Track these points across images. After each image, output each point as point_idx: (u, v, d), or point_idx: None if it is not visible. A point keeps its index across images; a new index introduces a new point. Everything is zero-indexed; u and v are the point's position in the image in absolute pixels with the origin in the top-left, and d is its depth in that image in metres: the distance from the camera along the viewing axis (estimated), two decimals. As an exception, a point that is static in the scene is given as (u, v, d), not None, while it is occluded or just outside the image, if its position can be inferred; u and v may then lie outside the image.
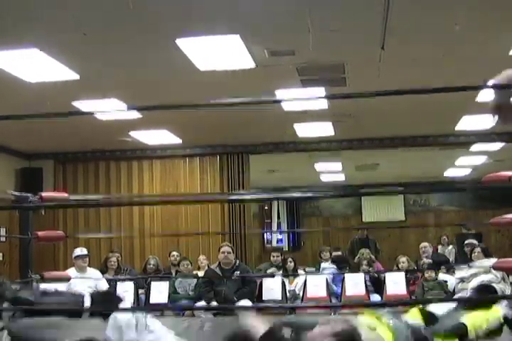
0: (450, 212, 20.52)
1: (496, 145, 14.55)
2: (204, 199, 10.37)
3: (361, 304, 3.98)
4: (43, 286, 9.08)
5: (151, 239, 13.86)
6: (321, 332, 3.62)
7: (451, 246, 16.53)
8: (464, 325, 4.57)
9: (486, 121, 11.58)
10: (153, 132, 12.17)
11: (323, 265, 11.80)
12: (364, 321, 4.46)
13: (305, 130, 12.21)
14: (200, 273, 10.47)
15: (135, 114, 10.39)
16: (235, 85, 8.58)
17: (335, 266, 11.46)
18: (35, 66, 7.72)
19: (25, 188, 11.33)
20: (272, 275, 9.81)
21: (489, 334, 4.58)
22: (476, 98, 9.58)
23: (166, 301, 10.13)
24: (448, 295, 9.97)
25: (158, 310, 9.41)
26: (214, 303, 8.45)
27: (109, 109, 10.01)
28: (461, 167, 17.68)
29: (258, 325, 3.50)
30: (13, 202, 8.92)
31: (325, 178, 18.41)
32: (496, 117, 2.54)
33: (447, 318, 4.74)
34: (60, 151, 13.98)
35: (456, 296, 5.15)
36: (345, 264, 11.56)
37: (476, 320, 4.59)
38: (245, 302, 8.56)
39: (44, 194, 7.63)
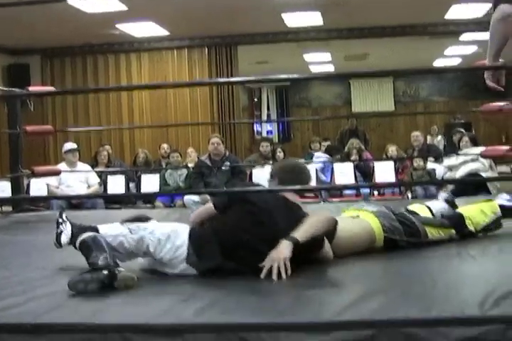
0: (439, 103, 20.51)
1: (486, 35, 14.36)
2: (192, 82, 10.25)
3: (349, 186, 4.00)
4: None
5: (141, 133, 13.88)
6: None
7: (440, 137, 16.63)
8: (460, 213, 4.59)
9: (475, 10, 11.45)
10: (140, 24, 12.00)
11: (316, 154, 11.88)
12: (347, 215, 4.53)
13: (293, 20, 12.04)
14: (190, 165, 10.52)
15: (121, 6, 10.23)
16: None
17: (327, 156, 11.52)
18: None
19: (12, 85, 11.21)
20: (262, 166, 9.86)
21: (488, 229, 4.61)
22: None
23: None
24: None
25: (149, 195, 9.46)
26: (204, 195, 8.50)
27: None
28: (451, 57, 17.56)
29: None
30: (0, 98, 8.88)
31: (314, 69, 18.27)
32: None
33: (443, 212, 4.79)
34: (47, 46, 13.78)
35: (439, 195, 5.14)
36: (337, 153, 11.58)
37: (472, 213, 4.61)
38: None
39: (31, 88, 7.60)
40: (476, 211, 4.67)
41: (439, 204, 4.95)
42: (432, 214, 4.75)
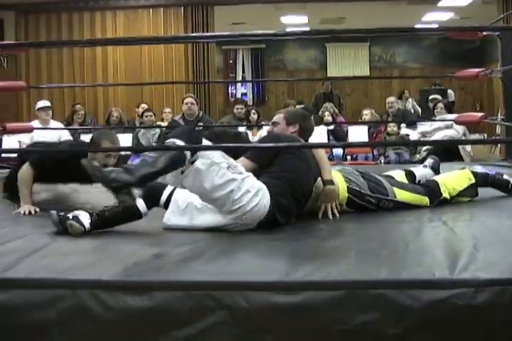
0: (415, 69, 20.47)
1: (464, 1, 14.39)
2: (166, 38, 10.11)
3: (321, 145, 4.01)
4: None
5: (115, 92, 13.75)
6: None
7: (410, 100, 16.53)
8: (435, 181, 4.61)
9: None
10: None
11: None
12: None
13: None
14: (164, 125, 10.47)
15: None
16: None
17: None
18: None
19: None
20: (236, 126, 9.82)
21: (463, 195, 4.64)
22: None
23: (129, 152, 10.18)
24: (410, 149, 10.14)
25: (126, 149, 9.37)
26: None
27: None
28: (428, 23, 17.51)
29: None
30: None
31: (291, 32, 18.19)
32: None
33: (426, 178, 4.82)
34: (22, 2, 13.57)
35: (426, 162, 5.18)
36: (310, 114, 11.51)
37: (447, 180, 4.63)
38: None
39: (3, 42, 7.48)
40: (451, 178, 4.69)
41: (423, 170, 4.98)
42: (414, 180, 4.78)
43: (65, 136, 9.52)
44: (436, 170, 5.08)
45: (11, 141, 9.16)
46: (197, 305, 2.61)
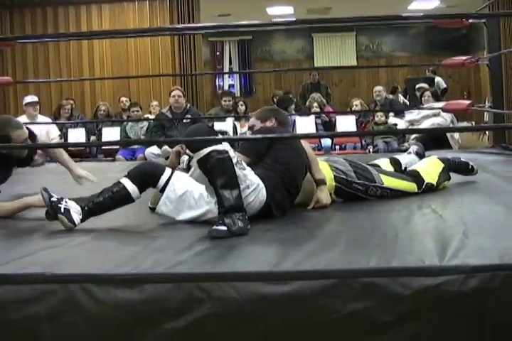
0: (402, 58, 20.47)
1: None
2: (151, 29, 10.06)
3: (311, 136, 4.02)
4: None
5: (102, 86, 13.72)
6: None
7: (399, 95, 16.51)
8: (415, 170, 4.64)
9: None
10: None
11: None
12: None
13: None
14: (151, 117, 10.46)
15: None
16: None
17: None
18: None
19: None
20: (223, 119, 9.82)
21: (441, 181, 4.67)
22: None
23: (118, 146, 10.17)
24: (398, 138, 10.15)
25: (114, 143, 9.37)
26: (165, 147, 8.46)
27: None
28: (414, 12, 17.52)
29: None
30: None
31: (277, 23, 18.13)
32: None
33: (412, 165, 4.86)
34: (6, -4, 13.54)
35: (410, 149, 5.22)
36: (289, 104, 11.30)
37: (425, 168, 4.66)
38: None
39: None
40: (426, 165, 4.74)
41: (408, 157, 5.01)
42: (400, 167, 4.81)
43: (53, 130, 9.51)
44: (421, 156, 5.12)
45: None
46: (187, 296, 2.61)
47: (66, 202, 3.68)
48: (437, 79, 15.80)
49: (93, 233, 3.60)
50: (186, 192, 3.82)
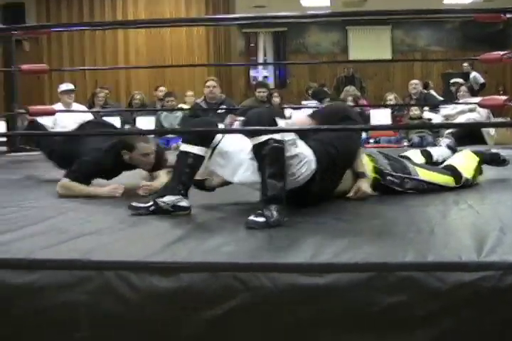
0: (437, 52, 20.35)
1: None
2: (187, 20, 10.08)
3: (346, 129, 4.01)
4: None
5: (137, 75, 13.80)
6: None
7: (431, 91, 16.41)
8: (451, 164, 4.62)
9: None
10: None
11: (303, 102, 11.82)
12: None
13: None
14: (185, 107, 10.48)
15: None
16: None
17: (316, 102, 11.42)
18: None
19: (7, 23, 11.09)
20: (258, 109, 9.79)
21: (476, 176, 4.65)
22: None
23: (152, 136, 10.18)
24: (432, 133, 10.09)
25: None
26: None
27: None
28: (450, 6, 17.36)
29: None
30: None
31: (312, 16, 18.10)
32: None
33: (444, 157, 4.84)
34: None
35: (441, 141, 5.21)
36: (323, 96, 11.40)
37: (461, 162, 4.64)
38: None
39: (26, 25, 7.51)
40: (462, 160, 4.71)
41: (440, 150, 4.98)
42: (431, 159, 4.79)
43: (88, 118, 9.53)
44: (452, 149, 5.09)
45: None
46: (223, 286, 2.61)
47: (163, 202, 3.72)
48: (474, 74, 15.64)
49: (130, 220, 3.63)
50: (243, 150, 3.80)
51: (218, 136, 3.82)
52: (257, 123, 3.51)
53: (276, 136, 3.47)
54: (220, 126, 3.94)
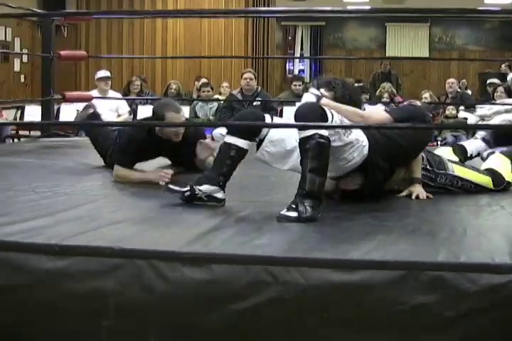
0: (475, 52, 20.19)
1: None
2: (226, 11, 10.09)
3: (382, 127, 3.98)
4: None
5: (173, 65, 13.81)
6: None
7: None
8: (490, 168, 4.55)
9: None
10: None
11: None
12: None
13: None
14: (221, 98, 10.47)
15: None
16: None
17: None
18: None
19: (47, 9, 11.16)
20: (293, 103, 9.77)
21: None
22: None
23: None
24: (467, 132, 10.01)
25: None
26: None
27: None
28: (490, 6, 17.23)
29: None
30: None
31: (350, 10, 18.04)
32: None
33: (480, 151, 4.78)
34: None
35: (476, 134, 5.12)
36: (365, 92, 11.33)
37: (498, 166, 4.57)
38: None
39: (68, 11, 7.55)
40: (499, 163, 4.64)
41: (475, 143, 4.89)
42: (466, 155, 4.72)
43: (123, 106, 9.57)
44: (488, 142, 4.99)
45: (68, 110, 9.24)
46: (254, 279, 2.62)
47: (200, 189, 3.70)
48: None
49: (161, 210, 3.65)
50: (292, 136, 3.75)
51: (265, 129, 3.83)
52: (306, 117, 3.51)
53: (323, 132, 3.47)
54: (267, 119, 3.89)
